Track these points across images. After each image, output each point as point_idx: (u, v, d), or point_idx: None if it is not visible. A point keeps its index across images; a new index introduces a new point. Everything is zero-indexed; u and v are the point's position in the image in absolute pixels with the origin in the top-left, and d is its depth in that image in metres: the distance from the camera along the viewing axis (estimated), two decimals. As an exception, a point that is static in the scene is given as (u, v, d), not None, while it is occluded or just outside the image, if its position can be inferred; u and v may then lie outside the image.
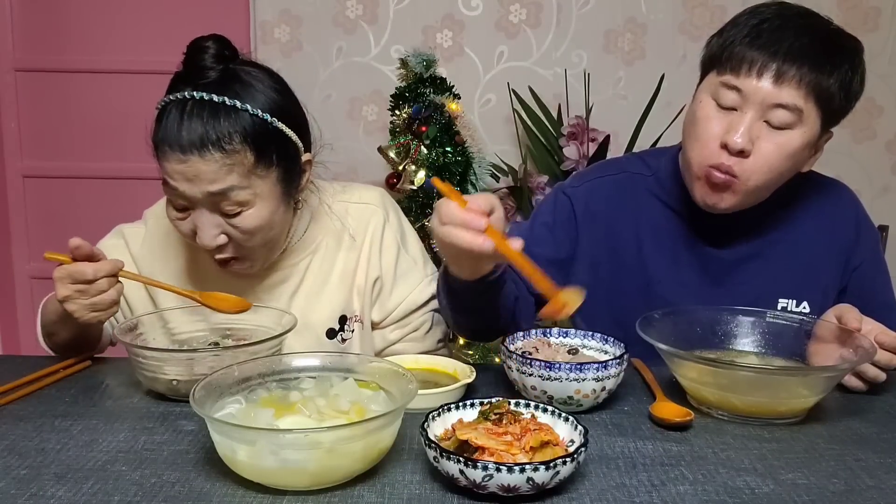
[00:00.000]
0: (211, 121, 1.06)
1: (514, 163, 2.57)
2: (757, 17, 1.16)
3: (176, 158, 1.06)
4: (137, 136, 1.17)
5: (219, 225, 1.10)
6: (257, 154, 1.08)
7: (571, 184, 1.37)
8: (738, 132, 1.12)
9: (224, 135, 1.06)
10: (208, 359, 1.02)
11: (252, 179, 1.09)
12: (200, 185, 1.07)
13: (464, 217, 0.94)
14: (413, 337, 1.31)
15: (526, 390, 1.02)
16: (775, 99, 1.11)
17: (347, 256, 1.27)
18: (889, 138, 2.63)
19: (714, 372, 1.00)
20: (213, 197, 1.08)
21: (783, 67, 1.10)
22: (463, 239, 0.94)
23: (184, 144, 1.06)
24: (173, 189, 1.09)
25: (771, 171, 1.15)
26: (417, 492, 0.81)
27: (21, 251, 2.83)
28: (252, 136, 1.08)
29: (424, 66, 2.30)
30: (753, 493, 0.82)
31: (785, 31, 1.12)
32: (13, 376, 1.08)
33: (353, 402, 0.88)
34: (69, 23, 2.68)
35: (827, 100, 1.13)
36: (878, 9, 2.54)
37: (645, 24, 2.59)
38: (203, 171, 1.06)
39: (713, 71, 1.18)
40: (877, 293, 1.32)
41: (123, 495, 0.79)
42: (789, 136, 1.13)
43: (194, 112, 1.06)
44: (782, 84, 1.11)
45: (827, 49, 1.12)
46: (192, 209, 1.10)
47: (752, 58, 1.12)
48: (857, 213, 1.33)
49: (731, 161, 1.14)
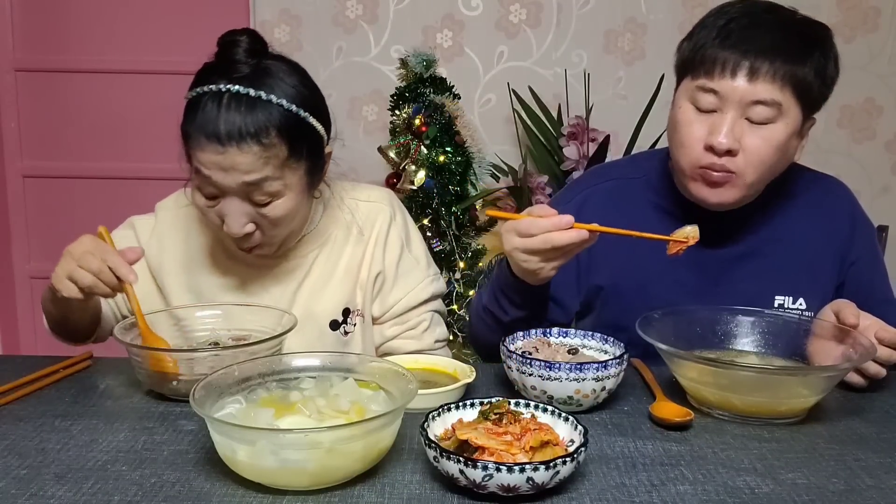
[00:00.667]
0: (249, 114, 1.08)
1: (514, 163, 2.57)
2: (724, 16, 1.16)
3: (213, 149, 1.08)
4: (137, 135, 1.18)
5: (247, 213, 1.13)
6: (290, 147, 1.12)
7: (562, 200, 1.38)
8: (721, 133, 1.13)
9: (261, 128, 1.09)
10: (208, 359, 1.02)
11: (284, 171, 1.12)
12: (236, 175, 1.09)
13: (551, 222, 1.03)
14: (410, 334, 1.32)
15: (526, 390, 1.02)
16: (752, 96, 1.12)
17: (354, 251, 1.30)
18: (889, 138, 2.63)
19: (714, 372, 1.00)
20: (246, 187, 1.10)
21: (756, 64, 1.11)
22: (567, 237, 1.03)
23: (221, 136, 1.08)
24: (206, 178, 1.11)
25: (763, 164, 1.16)
26: (417, 492, 0.81)
27: (21, 251, 2.83)
28: (286, 130, 1.11)
29: (424, 66, 2.30)
30: (753, 492, 0.82)
31: (754, 28, 1.13)
32: (13, 376, 1.08)
33: (353, 402, 0.88)
34: (69, 23, 2.68)
35: (805, 90, 1.13)
36: (877, 9, 2.54)
37: (645, 24, 2.59)
38: (240, 163, 1.08)
39: (688, 76, 1.19)
40: (875, 288, 1.32)
41: (123, 495, 0.79)
42: (773, 130, 1.14)
43: (231, 105, 1.09)
44: (757, 81, 1.11)
45: (797, 40, 1.13)
46: (222, 197, 1.13)
47: (725, 58, 1.13)
48: (852, 209, 1.34)
49: (722, 160, 1.15)
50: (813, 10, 1.20)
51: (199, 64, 1.17)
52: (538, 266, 1.08)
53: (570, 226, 1.03)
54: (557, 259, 1.07)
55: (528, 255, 1.07)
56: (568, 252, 1.06)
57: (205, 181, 1.12)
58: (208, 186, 1.12)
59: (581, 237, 1.03)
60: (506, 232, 1.08)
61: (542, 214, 1.05)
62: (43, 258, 2.83)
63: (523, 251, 1.06)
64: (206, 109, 1.09)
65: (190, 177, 1.16)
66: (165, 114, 2.66)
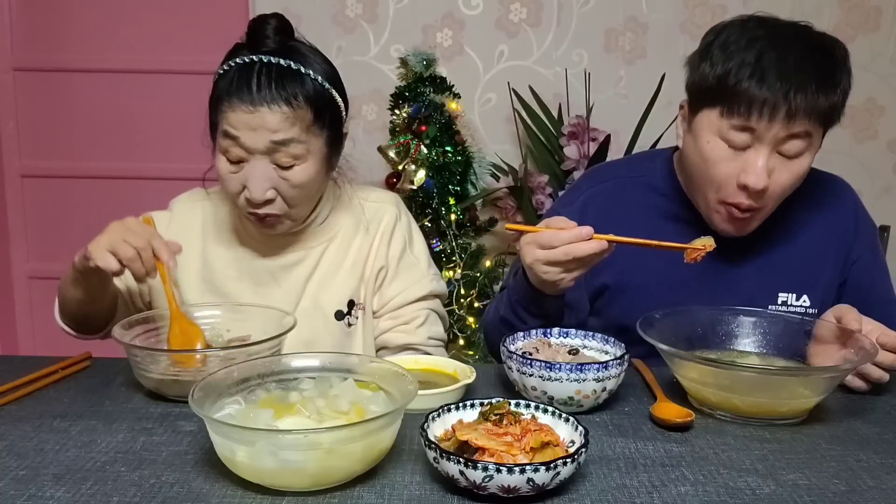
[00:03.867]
0: (279, 80, 1.16)
1: (514, 162, 2.56)
2: (752, 47, 1.12)
3: (243, 109, 1.15)
4: (136, 135, 1.19)
5: (270, 178, 1.18)
6: (315, 114, 1.19)
7: (563, 203, 1.38)
8: (758, 174, 1.13)
9: (291, 93, 1.16)
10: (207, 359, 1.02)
11: (309, 136, 1.19)
12: (264, 134, 1.15)
13: (572, 234, 1.05)
14: (403, 328, 1.34)
15: (526, 391, 1.01)
16: (788, 131, 1.12)
17: (361, 246, 1.34)
18: (890, 138, 2.63)
19: (715, 372, 0.99)
20: (273, 146, 1.16)
21: (795, 102, 1.09)
22: (586, 248, 1.04)
23: (254, 97, 1.15)
24: (234, 139, 1.16)
25: (785, 193, 1.19)
26: (417, 493, 0.80)
27: (19, 251, 2.83)
28: (313, 98, 1.19)
29: (424, 66, 2.29)
30: (754, 493, 0.82)
31: (786, 60, 1.10)
32: (12, 377, 1.08)
33: (352, 402, 0.88)
34: (68, 22, 2.67)
35: (832, 114, 1.14)
36: (878, 8, 2.53)
37: (646, 23, 2.58)
38: (269, 122, 1.15)
39: (715, 108, 1.15)
40: (876, 286, 1.33)
41: (122, 496, 0.79)
42: (803, 161, 1.16)
43: (263, 71, 1.16)
44: (795, 118, 1.10)
45: (827, 66, 1.13)
46: (247, 162, 1.17)
47: (764, 98, 1.10)
48: (854, 208, 1.34)
49: (750, 200, 1.16)
50: (815, 10, 1.20)
51: (198, 63, 1.18)
52: (559, 277, 1.09)
53: (590, 237, 1.05)
54: (577, 269, 1.09)
55: (549, 266, 1.08)
56: (588, 262, 1.08)
57: (232, 143, 1.16)
58: (235, 149, 1.17)
59: (601, 247, 1.05)
60: (526, 244, 1.09)
61: (562, 227, 1.07)
62: (41, 258, 2.83)
63: (545, 263, 1.08)
64: (238, 76, 1.16)
65: (214, 146, 1.21)
66: (165, 113, 2.68)
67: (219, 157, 1.20)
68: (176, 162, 2.65)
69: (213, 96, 1.19)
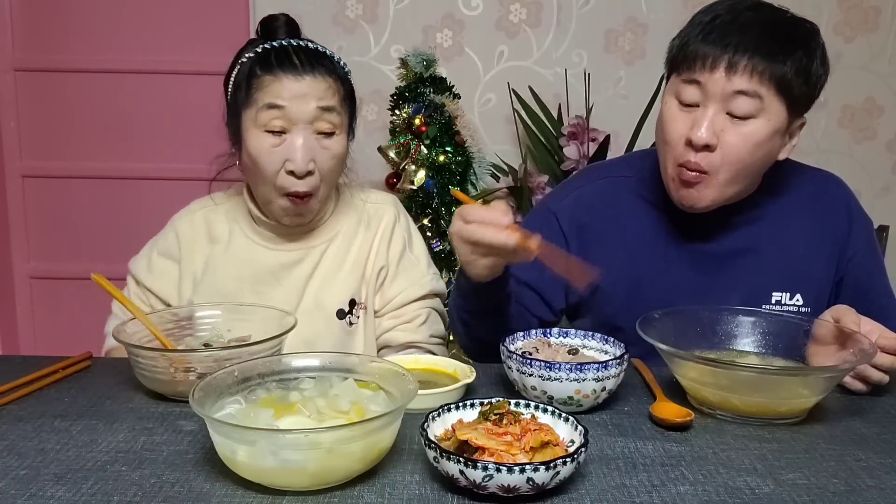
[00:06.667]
0: (315, 56, 1.24)
1: (514, 163, 2.56)
2: (710, 14, 1.19)
3: (290, 78, 1.21)
4: (137, 135, 1.19)
5: (312, 148, 1.22)
6: (343, 90, 1.27)
7: (555, 199, 1.38)
8: (701, 127, 1.15)
9: (328, 68, 1.24)
10: (208, 359, 1.02)
11: (342, 108, 1.26)
12: (311, 101, 1.21)
13: (489, 215, 1.01)
14: (405, 327, 1.35)
15: (526, 390, 1.02)
16: (732, 87, 1.13)
17: (361, 245, 1.36)
18: (889, 138, 2.63)
19: (714, 372, 0.99)
20: (318, 112, 1.22)
21: (734, 58, 1.13)
22: (490, 235, 1.01)
23: (298, 68, 1.21)
24: (280, 108, 1.20)
25: (740, 162, 1.16)
26: (417, 492, 0.80)
27: (20, 251, 2.83)
28: (342, 78, 1.28)
29: (424, 66, 2.29)
30: (754, 493, 0.82)
31: (736, 24, 1.15)
32: (12, 377, 1.08)
33: (352, 402, 0.88)
34: (69, 22, 2.67)
35: (786, 87, 1.14)
36: (878, 8, 2.53)
37: (645, 23, 2.58)
38: (316, 89, 1.22)
39: (674, 73, 1.21)
40: (874, 282, 1.32)
41: (123, 496, 0.79)
42: (754, 126, 1.15)
43: (300, 48, 1.24)
44: (735, 74, 1.13)
45: (777, 38, 1.14)
46: (288, 133, 1.21)
47: (706, 52, 1.15)
48: (848, 204, 1.33)
49: (697, 157, 1.16)
50: (814, 10, 1.21)
51: (198, 63, 1.18)
52: (468, 258, 1.07)
53: (506, 226, 1.00)
54: (488, 256, 1.05)
55: (460, 242, 1.06)
56: (497, 253, 1.04)
57: (278, 114, 1.20)
58: (279, 120, 1.21)
59: (506, 242, 1.00)
60: (455, 215, 1.07)
61: (493, 208, 1.03)
62: (42, 258, 2.83)
63: (458, 237, 1.06)
64: (272, 55, 1.22)
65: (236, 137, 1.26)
66: (166, 113, 2.68)
67: (255, 137, 1.22)
68: (176, 162, 2.66)
69: (243, 77, 1.23)
